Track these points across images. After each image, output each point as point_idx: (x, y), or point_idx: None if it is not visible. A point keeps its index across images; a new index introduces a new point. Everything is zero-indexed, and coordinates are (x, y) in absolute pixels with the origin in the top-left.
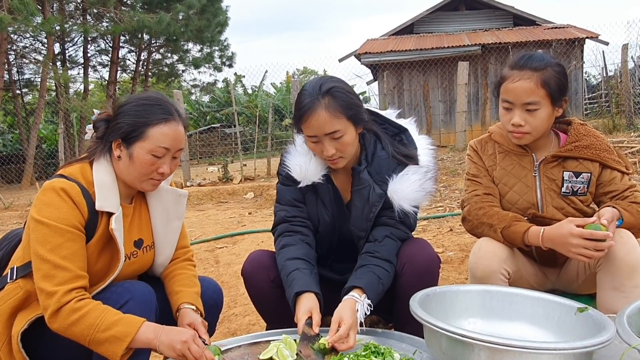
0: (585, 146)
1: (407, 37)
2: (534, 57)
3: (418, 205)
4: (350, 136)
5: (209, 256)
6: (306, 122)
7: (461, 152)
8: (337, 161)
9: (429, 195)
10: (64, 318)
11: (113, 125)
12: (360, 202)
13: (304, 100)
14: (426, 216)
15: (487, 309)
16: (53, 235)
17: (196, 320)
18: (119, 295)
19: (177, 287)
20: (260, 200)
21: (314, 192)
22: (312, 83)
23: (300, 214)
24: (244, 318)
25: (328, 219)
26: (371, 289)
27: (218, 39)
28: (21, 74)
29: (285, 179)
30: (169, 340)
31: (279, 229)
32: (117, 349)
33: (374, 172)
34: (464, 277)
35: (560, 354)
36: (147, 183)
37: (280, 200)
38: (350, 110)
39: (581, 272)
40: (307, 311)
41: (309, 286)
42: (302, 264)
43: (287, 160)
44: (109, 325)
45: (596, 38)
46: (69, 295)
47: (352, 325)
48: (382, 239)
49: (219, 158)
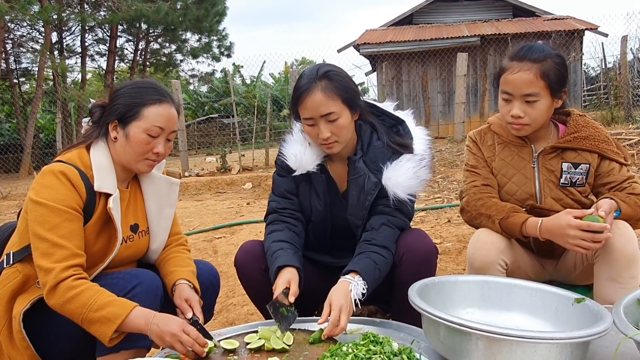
0: (584, 137)
1: (406, 27)
2: (534, 49)
3: (414, 194)
4: (346, 120)
5: (207, 246)
6: (302, 103)
7: (459, 143)
8: (332, 145)
9: (423, 183)
10: (61, 294)
11: (109, 108)
12: (356, 190)
13: (302, 82)
14: (424, 207)
15: (485, 299)
16: (51, 215)
17: (192, 296)
18: (126, 281)
19: (171, 268)
20: (259, 190)
21: (308, 182)
22: (310, 68)
23: (291, 206)
24: (242, 308)
25: (320, 208)
26: (367, 274)
27: (216, 28)
28: (18, 63)
29: (281, 168)
30: (159, 330)
31: (269, 219)
32: (107, 330)
33: (369, 161)
34: (462, 267)
35: (557, 343)
36: (142, 163)
37: (274, 190)
38: (345, 94)
39: (578, 264)
40: (286, 281)
41: (290, 261)
42: (286, 245)
43: (284, 149)
44: (101, 306)
45: (595, 30)
46: (67, 272)
47: (342, 307)
48: (378, 227)
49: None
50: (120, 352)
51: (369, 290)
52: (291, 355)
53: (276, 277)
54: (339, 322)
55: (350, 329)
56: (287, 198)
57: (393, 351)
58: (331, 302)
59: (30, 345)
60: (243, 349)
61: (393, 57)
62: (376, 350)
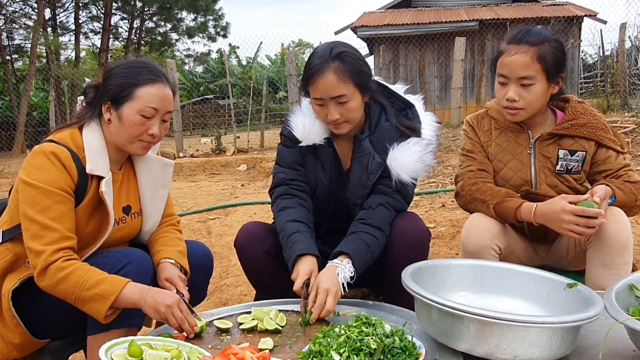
0: (581, 124)
1: (405, 10)
2: (532, 32)
3: (416, 178)
4: (356, 103)
5: (201, 227)
6: (314, 84)
7: (455, 128)
8: (340, 126)
9: (428, 168)
10: (51, 276)
11: (102, 89)
12: (359, 169)
13: (314, 61)
14: (419, 191)
15: (478, 283)
16: (42, 197)
17: (173, 274)
18: (117, 259)
19: (158, 247)
20: (253, 172)
21: (315, 155)
22: (323, 46)
23: (299, 177)
24: (236, 289)
25: (326, 182)
26: (358, 256)
27: (212, 8)
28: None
29: (287, 139)
30: (154, 301)
31: (277, 191)
32: (101, 307)
33: (375, 141)
34: (455, 252)
35: (549, 327)
36: (137, 145)
37: (280, 161)
38: (358, 77)
39: (571, 249)
40: (308, 272)
41: (310, 249)
42: (303, 227)
43: (291, 119)
44: (93, 284)
45: (594, 16)
46: (57, 254)
47: (328, 290)
48: (376, 207)
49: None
50: (110, 330)
51: (359, 272)
52: (284, 336)
53: (294, 264)
54: (324, 305)
55: (343, 311)
56: (295, 169)
57: (385, 333)
58: (318, 285)
59: (20, 323)
60: (236, 329)
61: (390, 40)
62: (368, 332)
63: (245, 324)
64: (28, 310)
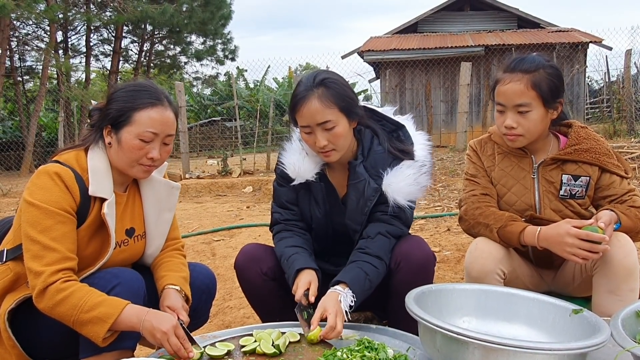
0: (585, 150)
1: (411, 36)
2: (526, 60)
3: (414, 200)
4: (343, 128)
5: (206, 248)
6: (299, 111)
7: (461, 152)
8: (329, 154)
9: (423, 190)
10: (49, 298)
11: (104, 112)
12: (355, 195)
13: (299, 90)
14: (424, 215)
15: (483, 308)
16: (44, 217)
17: (176, 303)
18: (107, 280)
19: (163, 272)
20: (259, 194)
21: (308, 190)
22: (307, 75)
23: (293, 217)
24: (239, 311)
25: (320, 215)
26: (356, 285)
27: (221, 32)
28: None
29: (280, 177)
30: (150, 326)
31: (276, 228)
32: (100, 330)
33: (369, 166)
34: (460, 276)
35: (554, 354)
36: (137, 169)
37: (276, 200)
38: (342, 102)
39: (577, 275)
40: (307, 283)
41: (308, 263)
42: (301, 249)
43: (283, 158)
44: (92, 306)
45: (600, 43)
46: (56, 275)
47: (337, 313)
48: (374, 236)
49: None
50: (102, 354)
51: (359, 300)
52: (285, 359)
53: (294, 280)
54: (335, 326)
55: (345, 335)
56: (288, 209)
57: (388, 358)
58: (326, 307)
59: (16, 344)
60: (238, 351)
61: (397, 64)
62: (371, 356)
63: (247, 346)
64: (25, 331)
